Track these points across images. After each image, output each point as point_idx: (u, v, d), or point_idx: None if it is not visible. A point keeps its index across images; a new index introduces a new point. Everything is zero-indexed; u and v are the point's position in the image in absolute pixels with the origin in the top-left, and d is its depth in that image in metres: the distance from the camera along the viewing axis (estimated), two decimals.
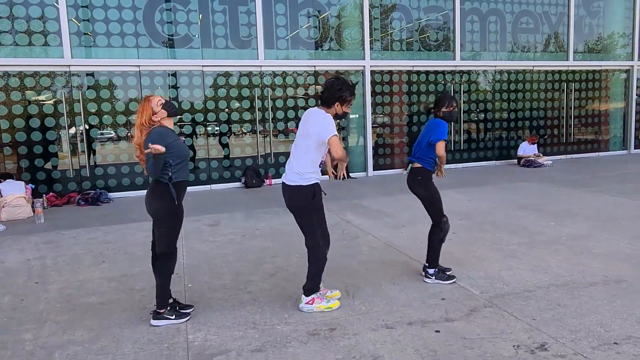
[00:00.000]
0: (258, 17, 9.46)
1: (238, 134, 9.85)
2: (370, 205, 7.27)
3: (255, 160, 9.91)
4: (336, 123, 3.37)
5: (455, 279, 3.94)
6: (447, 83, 11.28)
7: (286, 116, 10.03)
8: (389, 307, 3.47)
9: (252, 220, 6.57)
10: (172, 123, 3.34)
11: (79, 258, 5.05)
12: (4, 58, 8.10)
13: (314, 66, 10.07)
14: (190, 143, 9.45)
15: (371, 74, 10.50)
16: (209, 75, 9.35)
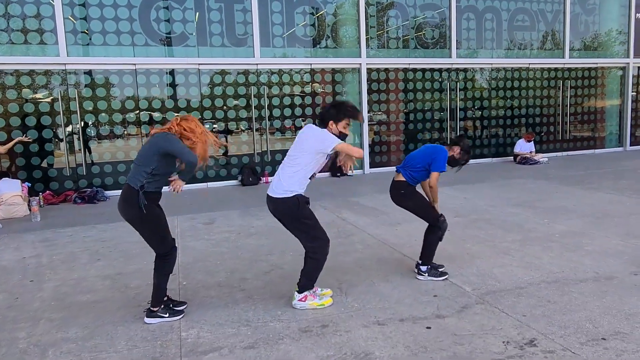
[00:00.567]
0: (254, 15, 9.46)
1: (235, 132, 9.86)
2: (366, 203, 7.29)
3: (252, 158, 9.92)
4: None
5: (447, 275, 3.97)
6: (444, 81, 11.30)
7: (283, 114, 10.04)
8: (382, 304, 3.50)
9: (248, 218, 6.59)
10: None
11: (75, 256, 5.06)
12: (1, 56, 8.09)
13: (311, 64, 10.08)
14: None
15: (367, 72, 10.51)
16: (205, 73, 9.35)
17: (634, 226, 5.39)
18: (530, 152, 11.36)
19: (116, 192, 8.83)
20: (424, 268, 3.97)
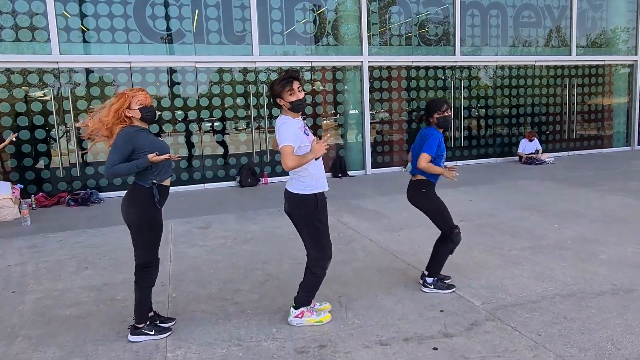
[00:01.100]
0: (252, 12, 9.20)
1: (233, 131, 9.61)
2: (367, 206, 7.04)
3: (251, 158, 9.67)
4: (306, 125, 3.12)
5: (454, 288, 3.71)
6: (447, 79, 11.02)
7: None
8: (384, 321, 3.25)
9: (245, 222, 6.34)
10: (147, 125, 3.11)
11: (62, 264, 4.83)
12: None
13: (311, 62, 9.82)
14: (183, 141, 9.22)
15: (369, 70, 10.24)
16: (202, 71, 9.10)
17: None
18: (537, 151, 11.09)
19: (111, 194, 8.62)
20: (430, 280, 3.72)
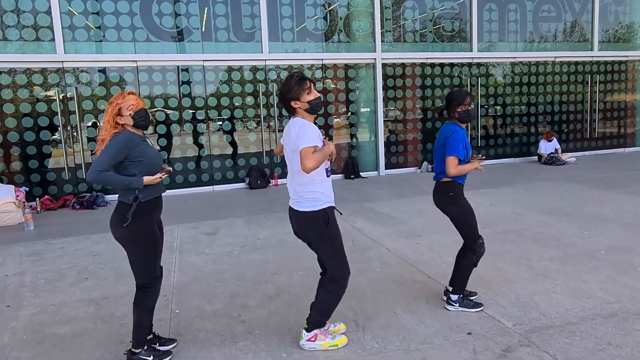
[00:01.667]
0: (262, 8, 8.90)
1: (242, 131, 9.34)
2: (381, 210, 6.72)
3: (260, 159, 9.39)
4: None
5: (482, 306, 3.38)
6: (463, 76, 10.63)
7: None
8: (406, 345, 2.94)
9: (254, 227, 6.06)
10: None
11: (62, 274, 4.58)
12: None
13: (322, 59, 9.51)
14: (191, 142, 8.98)
15: (382, 67, 9.90)
16: (210, 70, 8.83)
17: None
18: (556, 151, 10.65)
19: (117, 197, 8.38)
20: (454, 297, 3.39)
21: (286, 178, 2.99)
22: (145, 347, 2.83)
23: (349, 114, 10.03)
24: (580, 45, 11.56)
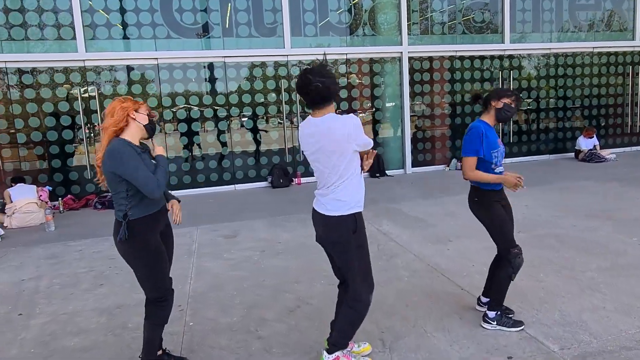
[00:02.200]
0: (284, 2, 8.64)
1: (264, 129, 9.13)
2: (408, 211, 6.39)
3: (283, 157, 9.17)
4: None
5: (523, 325, 3.05)
6: (494, 69, 10.14)
7: None
8: None
9: (275, 229, 5.84)
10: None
11: (77, 279, 4.45)
12: (17, 54, 7.65)
13: (346, 54, 9.20)
14: (213, 140, 8.82)
15: (409, 61, 9.51)
16: (232, 67, 8.64)
17: None
18: (594, 147, 10.05)
19: None
20: (491, 314, 3.07)
21: (310, 177, 2.70)
22: None
23: (374, 109, 9.70)
24: (620, 34, 10.88)
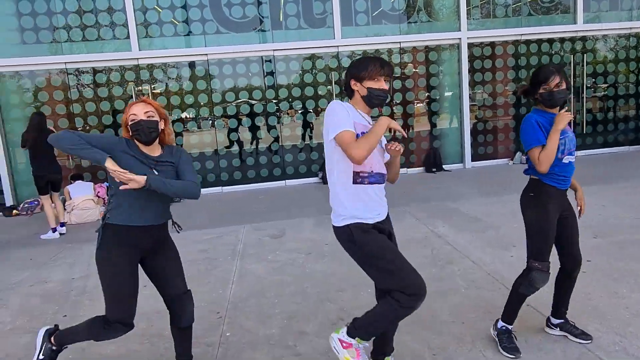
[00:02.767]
0: None
1: (315, 123, 8.89)
2: (467, 211, 5.91)
3: None
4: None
5: (519, 355, 2.58)
6: (565, 53, 9.25)
7: None
8: None
9: (322, 229, 5.58)
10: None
11: None
12: (76, 55, 7.90)
13: (400, 42, 8.73)
14: (263, 135, 8.71)
15: (468, 48, 8.88)
16: (281, 60, 8.45)
17: None
18: None
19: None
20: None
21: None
22: None
23: (430, 100, 9.16)
24: None
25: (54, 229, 6.11)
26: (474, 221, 5.44)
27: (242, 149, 8.70)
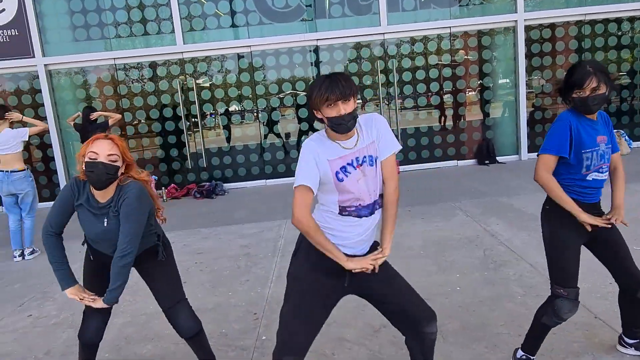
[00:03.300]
0: None
1: (360, 114, 8.60)
2: (523, 207, 5.48)
3: None
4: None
5: None
6: (637, 33, 8.42)
7: (415, 91, 8.45)
8: None
9: None
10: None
11: None
12: (123, 50, 8.04)
13: (450, 27, 8.25)
14: (307, 128, 8.54)
15: (525, 31, 8.26)
16: (324, 49, 8.22)
17: None
18: None
19: (235, 185, 8.40)
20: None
21: (409, 165, 2.19)
22: None
23: (483, 88, 8.64)
24: None
25: None
26: (530, 219, 5.01)
27: (286, 141, 8.58)
